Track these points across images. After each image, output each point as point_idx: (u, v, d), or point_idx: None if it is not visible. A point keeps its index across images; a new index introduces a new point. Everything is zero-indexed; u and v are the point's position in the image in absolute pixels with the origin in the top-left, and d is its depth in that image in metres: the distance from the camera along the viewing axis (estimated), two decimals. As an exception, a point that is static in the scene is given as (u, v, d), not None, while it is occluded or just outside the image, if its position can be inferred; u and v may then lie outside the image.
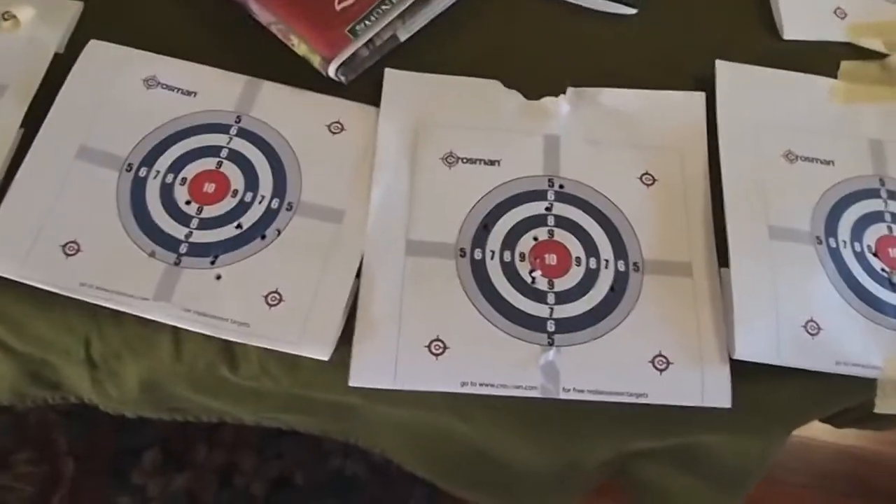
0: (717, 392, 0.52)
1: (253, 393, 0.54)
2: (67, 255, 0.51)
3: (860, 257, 0.57)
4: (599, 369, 0.52)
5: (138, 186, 0.54)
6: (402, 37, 0.61)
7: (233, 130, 0.57)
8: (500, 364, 0.51)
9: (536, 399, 0.51)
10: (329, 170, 0.56)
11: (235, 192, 0.55)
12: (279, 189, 0.55)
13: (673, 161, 0.59)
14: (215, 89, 0.58)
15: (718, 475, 0.59)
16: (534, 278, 0.54)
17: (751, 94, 0.61)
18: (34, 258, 0.51)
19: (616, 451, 0.55)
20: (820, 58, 0.64)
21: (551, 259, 0.55)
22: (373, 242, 0.54)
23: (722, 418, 0.52)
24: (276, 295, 0.52)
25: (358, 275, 0.53)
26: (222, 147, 0.56)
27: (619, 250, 0.55)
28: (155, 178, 0.54)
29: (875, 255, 0.57)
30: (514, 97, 0.60)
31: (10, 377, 0.58)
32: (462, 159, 0.57)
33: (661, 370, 0.52)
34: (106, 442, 0.71)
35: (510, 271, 0.54)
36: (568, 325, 0.53)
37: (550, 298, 0.54)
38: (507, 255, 0.54)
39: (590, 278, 0.54)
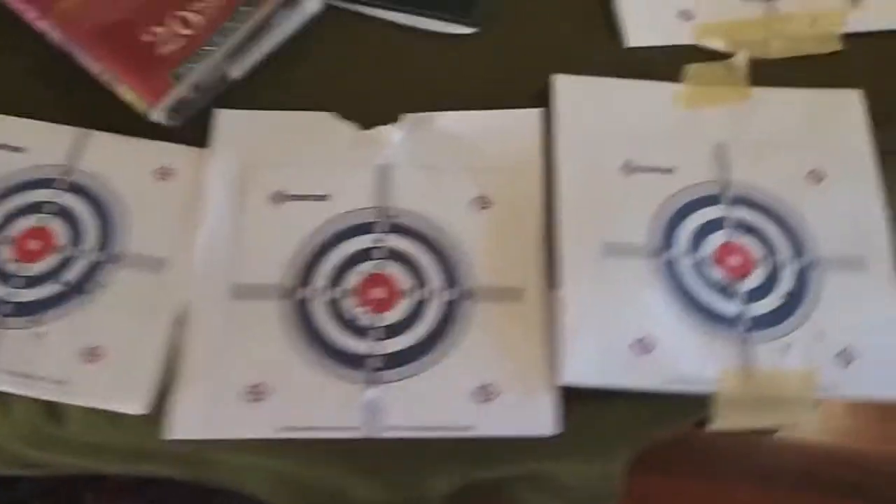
0: (541, 420, 0.51)
1: (90, 447, 0.54)
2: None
3: (698, 268, 0.55)
4: (423, 404, 0.51)
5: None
6: (236, 74, 0.60)
7: (60, 185, 0.56)
8: (321, 406, 0.51)
9: (367, 438, 0.50)
10: (156, 218, 0.56)
11: (61, 248, 0.54)
12: (104, 242, 0.55)
13: (508, 182, 0.57)
14: (43, 143, 0.57)
15: (577, 499, 0.58)
16: (357, 315, 0.53)
17: (590, 107, 0.60)
18: None
19: (459, 482, 0.54)
20: (666, 63, 0.62)
21: (379, 293, 0.54)
22: (197, 288, 0.53)
23: (551, 445, 0.51)
24: (96, 350, 0.51)
25: (184, 323, 0.52)
26: (48, 202, 0.56)
27: (450, 279, 0.54)
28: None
29: (715, 263, 0.55)
30: (348, 129, 0.59)
31: None
32: (291, 196, 0.56)
33: (487, 401, 0.51)
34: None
35: (334, 310, 0.53)
36: (394, 361, 0.52)
37: (376, 334, 0.53)
38: (332, 293, 0.54)
39: (418, 310, 0.53)
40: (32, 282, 0.53)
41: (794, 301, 0.55)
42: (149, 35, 0.58)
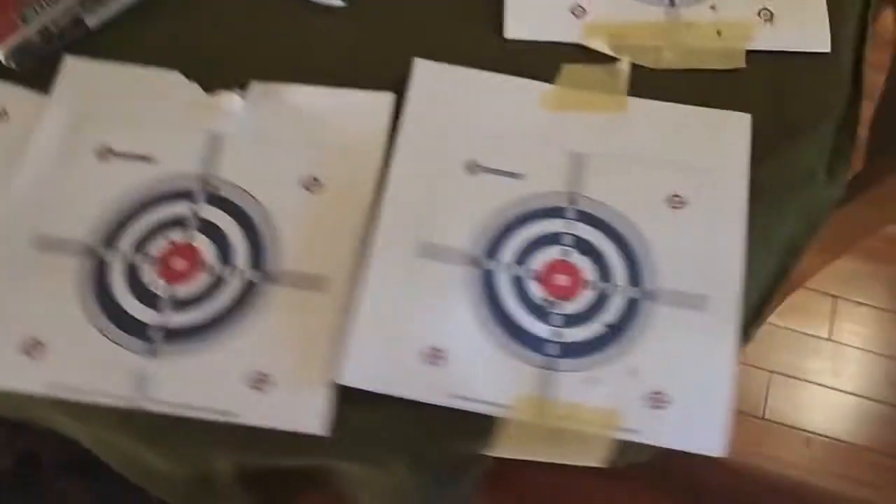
0: (312, 417, 0.48)
1: None
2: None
3: (518, 283, 0.51)
4: (194, 383, 0.49)
5: None
6: (91, 23, 0.58)
7: None
8: (97, 370, 0.49)
9: (132, 408, 0.49)
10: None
11: None
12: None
13: (344, 166, 0.55)
14: None
15: (379, 499, 0.55)
16: (158, 284, 0.51)
17: (447, 97, 0.56)
18: None
19: (235, 466, 0.52)
20: (545, 61, 0.58)
21: (179, 264, 0.52)
22: (5, 238, 0.52)
23: (313, 444, 0.48)
24: None
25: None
26: None
27: (256, 259, 0.52)
28: None
29: (538, 281, 0.51)
30: (190, 90, 0.57)
31: None
32: (116, 153, 0.55)
33: (259, 390, 0.49)
34: None
35: (134, 277, 0.51)
36: (177, 336, 0.50)
37: (165, 305, 0.51)
38: (137, 259, 0.52)
39: (215, 287, 0.51)
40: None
41: (614, 333, 0.50)
42: (3, -29, 0.57)
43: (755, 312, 0.55)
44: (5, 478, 0.70)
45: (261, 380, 0.49)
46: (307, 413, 0.48)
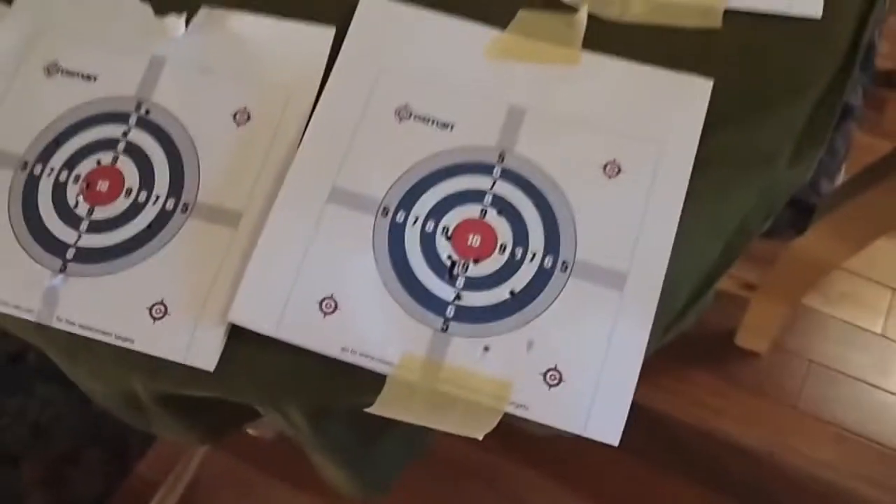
0: (203, 352, 0.49)
1: None
2: None
3: (427, 239, 0.50)
4: (98, 306, 0.50)
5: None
6: (60, -63, 0.59)
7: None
8: (12, 283, 0.51)
9: (43, 324, 0.50)
10: None
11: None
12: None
13: (277, 99, 0.53)
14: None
15: (289, 435, 0.56)
16: (78, 203, 0.52)
17: (389, 37, 0.54)
18: None
19: (148, 391, 0.53)
20: (499, 2, 0.54)
21: (103, 186, 0.53)
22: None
23: (208, 379, 0.49)
24: None
25: None
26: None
27: (176, 189, 0.52)
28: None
29: (447, 239, 0.49)
30: (143, 12, 0.57)
31: None
32: (62, 70, 0.56)
33: (157, 319, 0.50)
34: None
35: (59, 195, 0.53)
36: (89, 257, 0.51)
37: (83, 226, 0.52)
38: (64, 177, 0.53)
39: (132, 212, 0.52)
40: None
41: (517, 301, 0.48)
42: None
43: (695, 295, 0.52)
44: (-9, 374, 0.75)
45: (160, 309, 0.50)
46: (197, 348, 0.49)
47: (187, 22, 0.56)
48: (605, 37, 0.53)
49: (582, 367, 0.47)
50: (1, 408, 0.74)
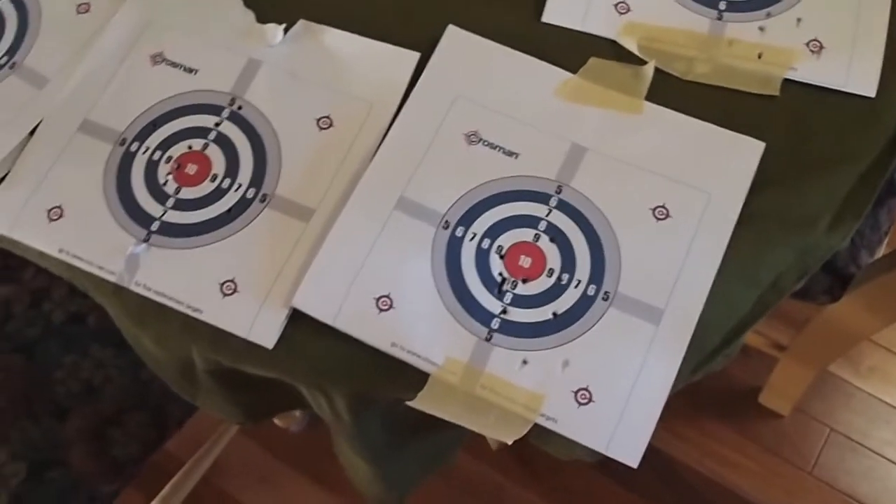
0: (264, 330, 0.54)
1: None
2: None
3: (482, 255, 0.54)
4: (175, 276, 0.56)
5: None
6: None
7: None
8: (99, 245, 0.57)
9: (121, 286, 0.56)
10: (65, 42, 0.63)
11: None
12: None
13: (359, 111, 0.59)
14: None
15: (328, 422, 0.60)
16: (167, 181, 0.58)
17: (468, 67, 0.59)
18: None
19: (206, 361, 0.59)
20: (574, 49, 0.60)
21: (191, 169, 0.58)
22: (52, 117, 0.61)
23: (265, 356, 0.54)
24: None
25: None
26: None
27: (258, 179, 0.58)
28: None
29: (502, 257, 0.54)
30: (246, 18, 0.63)
31: None
32: (165, 61, 0.62)
33: (227, 294, 0.55)
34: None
35: (151, 173, 0.58)
36: (172, 230, 0.57)
37: (169, 203, 0.58)
38: (158, 157, 0.59)
39: (215, 196, 0.58)
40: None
41: (558, 323, 0.53)
42: None
43: (724, 341, 0.56)
44: (53, 331, 0.81)
45: (231, 286, 0.55)
46: (260, 325, 0.54)
47: (285, 31, 0.62)
48: (669, 91, 0.58)
49: (612, 391, 0.51)
50: (57, 362, 0.79)
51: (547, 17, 0.60)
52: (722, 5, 0.60)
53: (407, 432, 0.62)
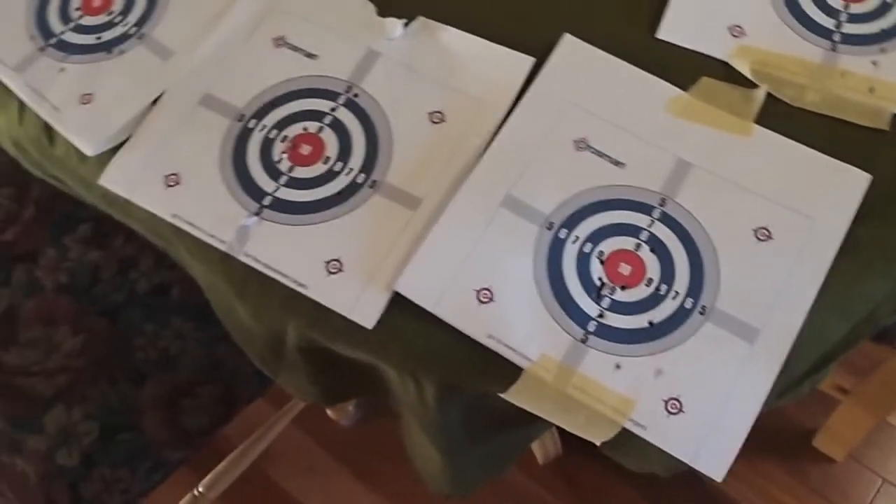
0: (366, 311, 0.56)
1: (76, 177, 0.67)
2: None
3: (583, 258, 0.56)
4: (283, 251, 0.59)
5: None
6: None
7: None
8: (213, 214, 0.60)
9: (229, 255, 0.59)
10: (191, 11, 0.67)
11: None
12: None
13: (470, 109, 0.62)
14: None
15: (411, 413, 0.63)
16: (281, 159, 0.61)
17: (581, 75, 0.62)
18: None
19: (300, 336, 0.61)
20: (685, 67, 0.62)
21: (305, 150, 0.61)
22: (180, 81, 0.64)
23: (362, 337, 0.56)
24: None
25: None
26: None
27: (369, 165, 0.61)
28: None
29: (601, 263, 0.56)
30: (368, 10, 0.66)
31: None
32: (286, 44, 0.65)
33: (332, 273, 0.58)
34: (60, 204, 0.90)
35: (266, 150, 0.62)
36: (283, 206, 0.60)
37: (282, 180, 0.61)
38: (273, 135, 0.62)
39: (327, 177, 0.60)
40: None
41: (654, 332, 0.55)
42: None
43: (814, 367, 0.57)
44: (137, 299, 0.85)
45: (336, 266, 0.58)
46: (362, 305, 0.56)
47: (404, 26, 0.65)
48: (777, 116, 0.60)
49: (703, 403, 0.53)
50: (139, 329, 0.83)
51: (661, 34, 0.63)
52: (836, 37, 0.62)
53: (485, 427, 0.64)
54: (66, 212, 0.90)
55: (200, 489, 1.05)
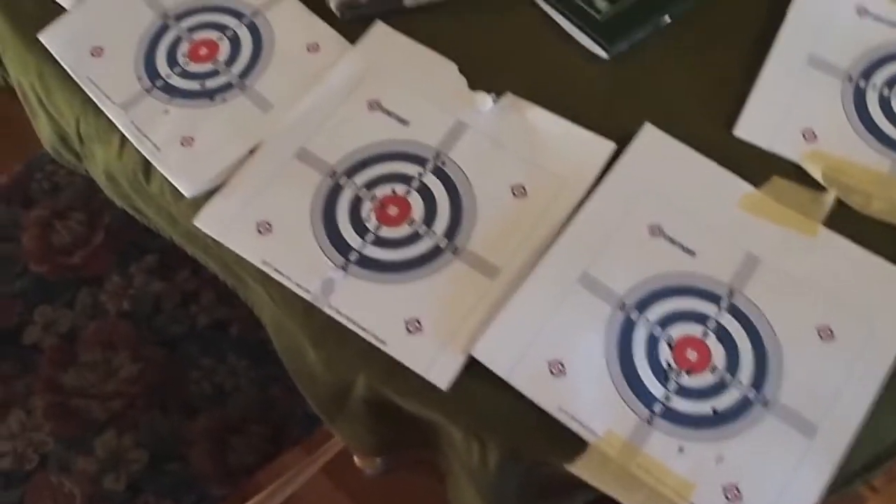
0: (442, 372, 0.60)
1: (165, 213, 0.72)
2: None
3: (652, 341, 0.60)
4: (366, 306, 0.62)
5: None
6: (408, 3, 0.74)
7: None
8: (302, 265, 0.64)
9: (311, 304, 0.63)
10: (291, 74, 0.72)
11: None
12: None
13: (551, 185, 0.66)
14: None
15: (469, 473, 0.65)
16: (370, 218, 0.65)
17: (660, 164, 0.66)
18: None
19: (369, 390, 0.64)
20: (758, 165, 0.66)
21: (392, 211, 0.66)
22: (275, 143, 0.69)
23: (435, 396, 0.60)
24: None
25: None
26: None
27: (452, 231, 0.65)
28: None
29: (671, 347, 0.60)
30: (459, 82, 0.71)
31: (48, 134, 0.82)
32: (383, 109, 0.70)
33: (411, 333, 0.61)
34: (129, 233, 0.94)
35: (355, 207, 0.66)
36: (369, 263, 0.64)
37: (368, 237, 0.65)
38: (363, 194, 0.66)
39: (411, 239, 0.64)
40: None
41: (717, 419, 0.58)
42: (362, -57, 0.74)
43: (867, 466, 0.60)
44: (196, 333, 0.88)
45: (416, 325, 0.61)
46: (438, 366, 0.60)
47: (493, 100, 0.69)
48: (844, 220, 0.64)
49: (761, 493, 0.56)
50: (195, 362, 0.86)
51: (738, 132, 0.67)
52: (904, 150, 0.66)
53: (539, 494, 0.67)
54: (134, 241, 0.94)
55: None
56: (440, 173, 0.67)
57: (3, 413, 0.84)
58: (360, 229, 0.65)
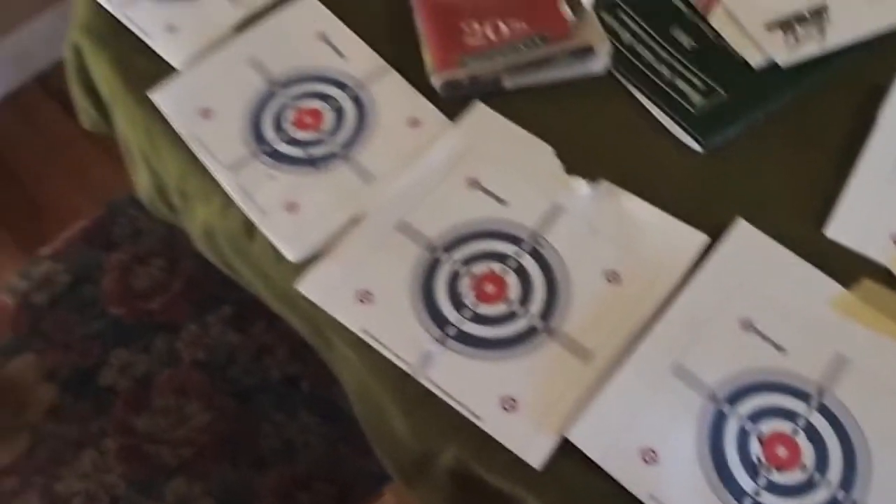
0: (536, 451, 0.62)
1: (261, 273, 0.75)
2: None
3: (742, 435, 0.62)
4: (463, 381, 0.65)
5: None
6: (508, 85, 0.78)
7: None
8: (401, 335, 0.66)
9: (405, 373, 0.65)
10: (391, 146, 0.75)
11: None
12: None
13: (645, 273, 0.68)
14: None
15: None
16: (467, 293, 0.68)
17: (752, 260, 0.69)
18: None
19: (456, 461, 0.66)
20: (848, 266, 0.68)
21: (490, 289, 0.68)
22: (377, 213, 0.72)
23: (526, 475, 0.62)
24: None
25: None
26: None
27: (547, 312, 0.67)
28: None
29: (760, 443, 0.62)
30: (556, 167, 0.74)
31: (147, 186, 0.86)
32: (481, 188, 0.73)
33: (507, 410, 0.63)
34: (208, 283, 0.98)
35: (453, 282, 0.69)
36: (466, 339, 0.66)
37: (466, 314, 0.67)
38: (461, 270, 0.69)
39: (507, 318, 0.67)
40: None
41: (807, 517, 0.59)
42: (466, 25, 0.77)
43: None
44: (269, 386, 0.91)
45: (511, 403, 0.64)
46: (533, 445, 0.62)
47: (588, 185, 0.73)
48: (932, 326, 0.66)
49: None
50: (267, 416, 0.89)
51: (829, 232, 0.70)
52: None
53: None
54: (212, 291, 0.97)
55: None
56: (536, 255, 0.70)
57: (76, 452, 0.86)
58: (458, 304, 0.68)
